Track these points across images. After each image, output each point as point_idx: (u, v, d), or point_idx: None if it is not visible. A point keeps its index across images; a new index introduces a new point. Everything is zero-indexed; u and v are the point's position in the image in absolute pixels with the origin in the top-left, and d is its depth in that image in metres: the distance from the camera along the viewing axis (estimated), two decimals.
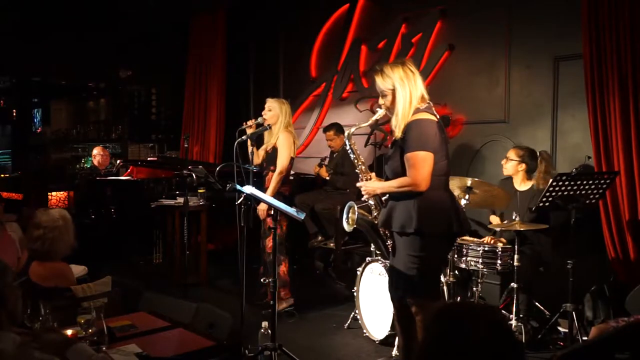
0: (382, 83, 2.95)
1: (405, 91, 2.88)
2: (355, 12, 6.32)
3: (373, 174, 3.18)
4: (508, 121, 5.02)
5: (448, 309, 1.36)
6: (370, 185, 3.06)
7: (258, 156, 4.65)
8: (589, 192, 3.71)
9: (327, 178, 5.85)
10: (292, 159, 4.54)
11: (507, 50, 5.00)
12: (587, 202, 3.75)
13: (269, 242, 4.54)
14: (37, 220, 3.07)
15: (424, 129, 2.85)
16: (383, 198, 3.11)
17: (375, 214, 3.15)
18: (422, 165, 2.82)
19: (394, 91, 2.91)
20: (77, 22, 7.34)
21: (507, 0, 4.99)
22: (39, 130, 9.84)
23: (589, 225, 4.19)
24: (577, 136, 4.58)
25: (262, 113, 4.54)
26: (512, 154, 4.22)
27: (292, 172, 5.55)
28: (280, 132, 4.50)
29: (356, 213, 3.08)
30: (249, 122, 4.48)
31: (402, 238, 2.94)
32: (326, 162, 5.97)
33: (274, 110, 4.51)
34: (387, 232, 3.12)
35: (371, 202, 3.15)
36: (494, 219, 4.28)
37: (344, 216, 3.16)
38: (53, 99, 10.01)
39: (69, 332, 2.20)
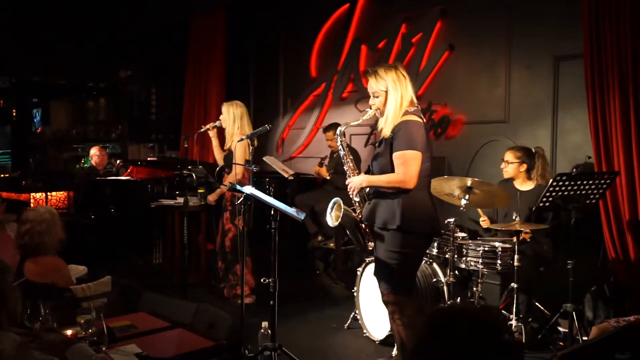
0: (375, 84, 3.03)
1: (397, 94, 2.97)
2: (355, 12, 6.31)
3: (361, 172, 3.25)
4: (508, 121, 5.01)
5: (439, 313, 1.36)
6: (357, 180, 3.10)
7: (222, 154, 4.94)
8: (589, 192, 3.71)
9: (328, 177, 5.85)
10: (247, 161, 4.62)
11: (507, 50, 5.00)
12: (587, 202, 3.75)
13: (227, 242, 4.80)
14: (24, 217, 3.14)
15: (413, 130, 2.94)
16: (367, 191, 3.16)
17: (359, 211, 3.20)
18: (411, 163, 2.91)
19: (386, 93, 3.00)
20: (77, 22, 7.34)
21: (507, 0, 4.99)
22: (38, 131, 9.84)
23: (589, 225, 4.19)
24: (577, 136, 4.58)
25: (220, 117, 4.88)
26: (510, 156, 4.22)
27: (292, 172, 5.57)
28: (235, 135, 4.72)
29: (341, 210, 3.11)
30: (208, 125, 4.87)
31: (383, 233, 3.02)
32: (326, 162, 5.97)
33: (223, 114, 4.81)
34: (367, 229, 3.18)
35: (356, 199, 3.18)
36: (484, 219, 4.33)
37: (328, 211, 3.18)
38: (53, 99, 10.01)
39: (69, 332, 2.20)
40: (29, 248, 3.09)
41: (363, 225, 3.19)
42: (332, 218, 3.15)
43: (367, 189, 3.16)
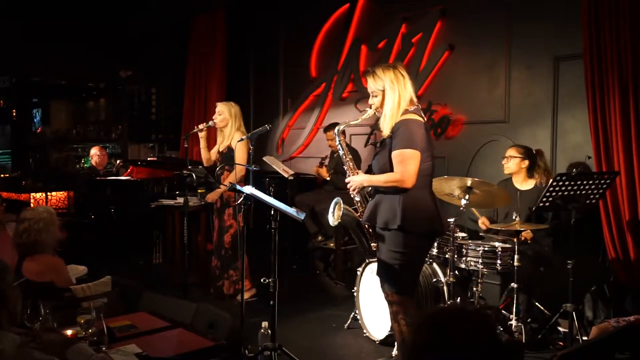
0: (373, 84, 3.04)
1: (394, 93, 2.98)
2: (355, 12, 6.31)
3: (360, 171, 3.25)
4: (508, 121, 5.02)
5: (436, 314, 1.36)
6: (357, 179, 3.11)
7: (209, 155, 4.98)
8: (589, 192, 3.71)
9: (328, 178, 5.85)
10: (247, 161, 4.69)
11: (507, 50, 5.00)
12: (587, 202, 3.75)
13: (227, 238, 4.83)
14: (22, 216, 3.16)
15: (412, 129, 2.93)
16: (368, 190, 3.17)
17: (360, 211, 3.20)
18: (409, 162, 2.90)
19: (383, 92, 3.00)
20: (78, 22, 7.34)
21: (507, 0, 4.99)
22: (38, 130, 9.84)
23: (589, 225, 4.19)
24: (577, 136, 4.58)
25: (213, 117, 4.87)
26: (513, 152, 4.24)
27: (292, 172, 5.58)
28: (235, 134, 4.77)
29: (342, 209, 3.11)
30: (200, 126, 4.81)
31: (384, 233, 3.01)
32: (326, 162, 5.97)
33: (223, 114, 4.82)
34: (370, 230, 3.17)
35: (357, 198, 3.19)
36: (482, 220, 4.33)
37: (330, 211, 3.18)
38: (53, 99, 10.01)
39: (69, 332, 2.20)
40: (26, 247, 3.10)
41: (366, 226, 3.17)
42: (333, 218, 3.16)
43: (369, 189, 3.17)
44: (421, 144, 2.94)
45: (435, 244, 4.08)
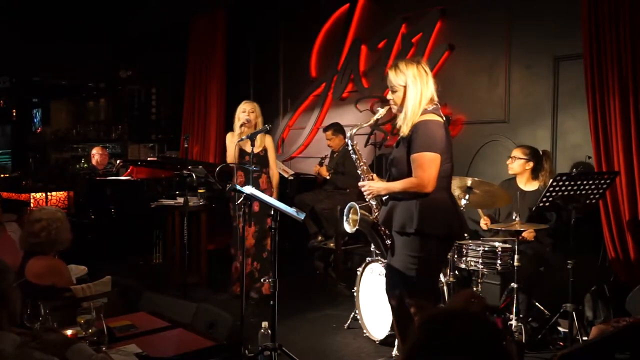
0: (394, 78, 2.91)
1: (416, 89, 2.87)
2: (355, 12, 6.32)
3: (374, 175, 3.14)
4: (508, 121, 5.02)
5: (435, 315, 1.36)
6: (375, 186, 3.00)
7: (232, 155, 4.79)
8: (589, 192, 3.71)
9: (328, 177, 5.85)
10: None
11: (507, 50, 5.00)
12: (587, 202, 3.75)
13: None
14: (36, 216, 3.09)
15: (432, 130, 2.83)
16: (384, 198, 3.09)
17: (376, 214, 3.12)
18: (429, 166, 2.79)
19: (405, 88, 2.89)
20: (77, 22, 7.35)
21: (507, 0, 4.99)
22: (38, 130, 9.85)
23: (589, 225, 4.19)
24: (577, 136, 4.58)
25: (246, 116, 4.73)
26: (518, 152, 4.23)
27: (292, 172, 5.59)
28: (265, 134, 4.74)
29: (358, 214, 3.06)
30: (243, 120, 4.70)
31: (402, 238, 2.91)
32: (326, 162, 5.97)
33: (256, 111, 4.79)
34: (386, 232, 3.10)
35: (372, 202, 3.10)
36: (484, 220, 4.32)
37: (345, 217, 3.13)
38: (53, 99, 10.02)
39: (69, 332, 2.20)
40: (45, 245, 3.05)
41: (381, 228, 3.07)
42: (349, 224, 3.09)
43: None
44: (441, 145, 2.83)
45: None
